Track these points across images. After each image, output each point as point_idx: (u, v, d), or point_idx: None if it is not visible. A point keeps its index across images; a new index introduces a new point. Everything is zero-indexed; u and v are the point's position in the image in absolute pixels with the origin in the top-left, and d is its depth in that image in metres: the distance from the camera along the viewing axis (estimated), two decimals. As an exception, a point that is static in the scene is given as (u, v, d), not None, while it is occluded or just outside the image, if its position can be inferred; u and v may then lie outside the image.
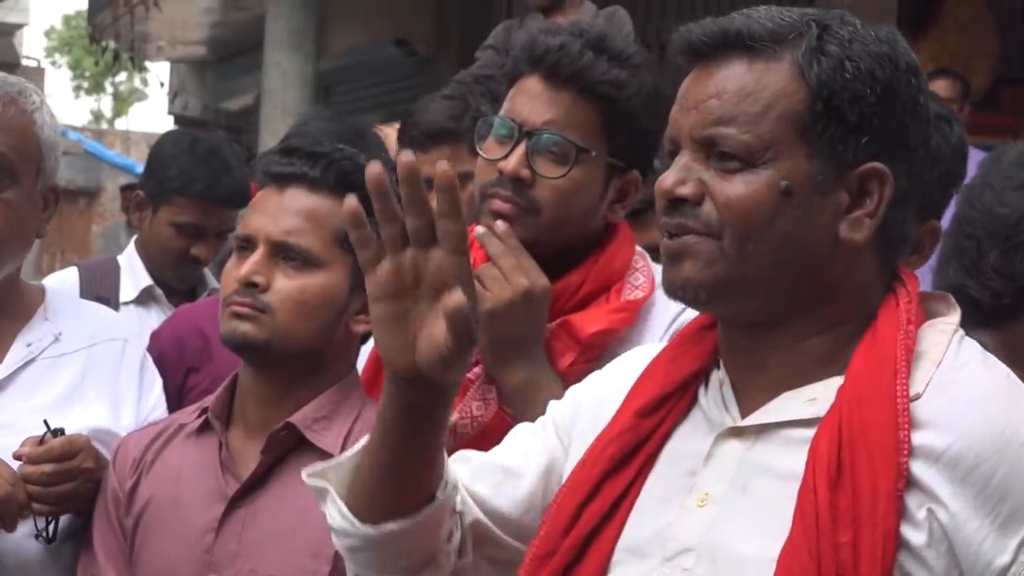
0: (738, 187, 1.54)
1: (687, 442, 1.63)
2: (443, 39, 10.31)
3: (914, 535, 1.46)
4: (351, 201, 1.50)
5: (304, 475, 1.72)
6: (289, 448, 2.25)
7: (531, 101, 2.24)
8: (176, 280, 3.68)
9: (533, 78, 2.25)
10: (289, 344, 2.24)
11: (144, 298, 3.65)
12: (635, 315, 2.25)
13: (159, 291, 3.66)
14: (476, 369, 2.23)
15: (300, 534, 2.19)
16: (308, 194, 2.26)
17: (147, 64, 20.35)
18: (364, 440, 1.68)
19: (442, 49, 10.33)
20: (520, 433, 1.83)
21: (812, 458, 1.49)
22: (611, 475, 1.64)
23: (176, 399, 2.94)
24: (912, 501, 1.47)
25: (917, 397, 1.51)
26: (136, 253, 3.70)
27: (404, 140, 3.69)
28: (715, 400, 1.64)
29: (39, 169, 2.46)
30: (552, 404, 1.83)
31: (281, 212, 2.25)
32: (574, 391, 1.83)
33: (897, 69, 1.56)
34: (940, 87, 6.85)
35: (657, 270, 2.35)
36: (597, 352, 2.21)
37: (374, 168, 1.48)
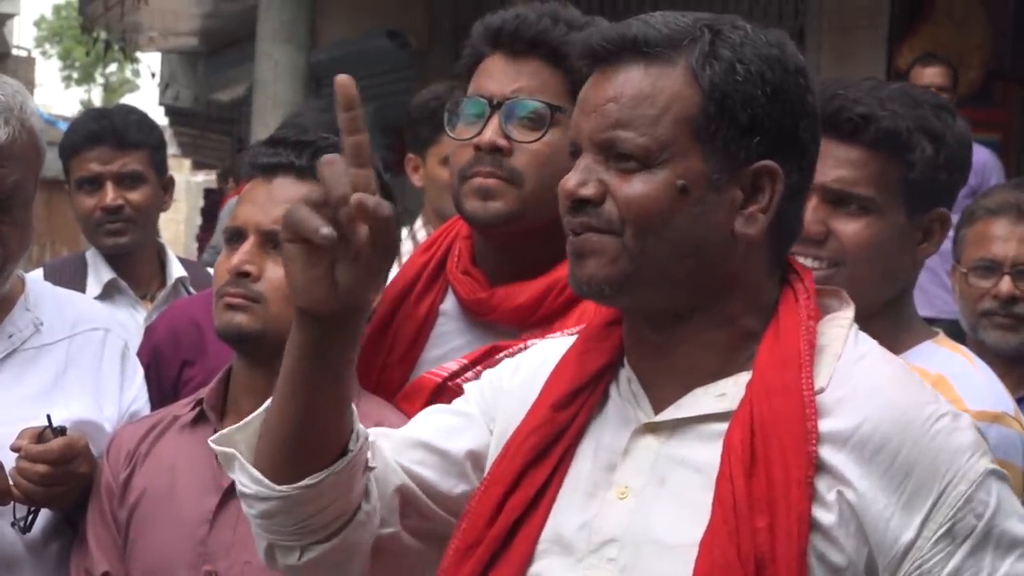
0: (637, 187, 1.61)
1: (604, 437, 1.70)
2: (435, 31, 10.30)
3: (825, 516, 1.56)
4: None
5: (210, 441, 1.72)
6: (285, 440, 2.24)
7: (496, 76, 2.23)
8: (109, 246, 3.62)
9: (494, 56, 2.24)
10: (284, 332, 2.22)
11: (109, 292, 3.62)
12: None
13: (123, 283, 3.64)
14: None
15: (295, 526, 2.18)
16: (296, 183, 2.26)
17: (138, 55, 20.29)
18: (268, 402, 1.69)
19: (434, 41, 10.32)
20: (436, 414, 1.86)
21: (727, 449, 1.59)
22: (532, 467, 1.70)
23: (172, 392, 2.93)
24: (822, 485, 1.56)
25: (822, 391, 1.60)
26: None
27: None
28: (626, 396, 1.71)
29: (38, 175, 2.43)
30: (470, 387, 1.87)
31: (270, 202, 2.25)
32: (491, 375, 1.86)
33: (787, 71, 1.64)
34: (931, 74, 6.75)
35: None
36: None
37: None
